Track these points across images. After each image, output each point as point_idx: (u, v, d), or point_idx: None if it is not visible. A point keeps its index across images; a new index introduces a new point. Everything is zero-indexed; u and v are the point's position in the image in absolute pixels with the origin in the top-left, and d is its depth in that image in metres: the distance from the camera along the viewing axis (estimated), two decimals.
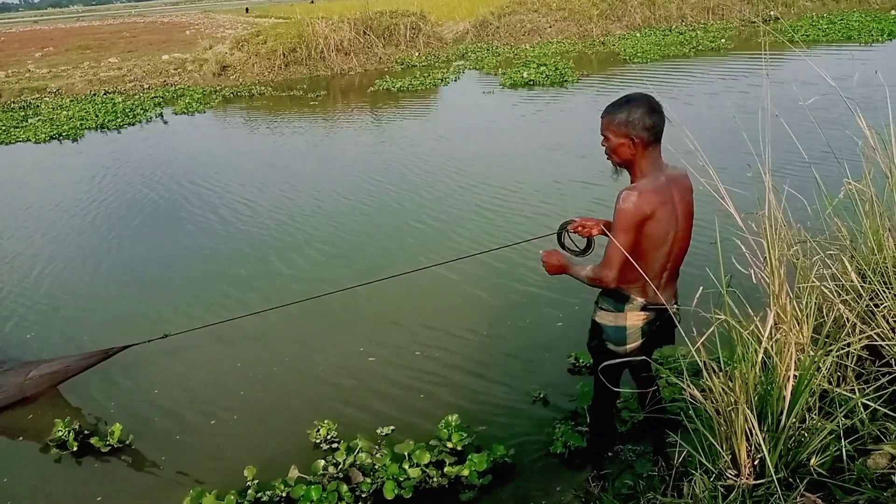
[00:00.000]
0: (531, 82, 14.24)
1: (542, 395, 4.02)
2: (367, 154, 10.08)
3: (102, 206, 8.45)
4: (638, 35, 20.50)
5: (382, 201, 7.75)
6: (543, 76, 14.52)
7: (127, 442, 3.95)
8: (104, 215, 8.09)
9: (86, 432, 4.06)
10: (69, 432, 4.00)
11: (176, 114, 14.45)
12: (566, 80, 14.20)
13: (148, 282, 6.17)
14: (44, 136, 12.89)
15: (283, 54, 18.82)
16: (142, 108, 14.84)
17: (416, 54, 20.18)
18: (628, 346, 2.73)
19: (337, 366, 4.57)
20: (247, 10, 45.14)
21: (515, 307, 5.08)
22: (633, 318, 2.69)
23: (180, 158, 10.59)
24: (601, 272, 2.59)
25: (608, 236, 2.61)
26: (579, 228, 2.91)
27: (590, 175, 7.66)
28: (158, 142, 12.13)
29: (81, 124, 13.57)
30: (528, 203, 7.18)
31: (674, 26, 21.75)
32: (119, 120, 13.81)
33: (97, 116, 14.14)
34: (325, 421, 3.87)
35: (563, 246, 2.99)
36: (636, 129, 2.51)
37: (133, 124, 13.63)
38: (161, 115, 14.31)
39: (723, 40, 18.05)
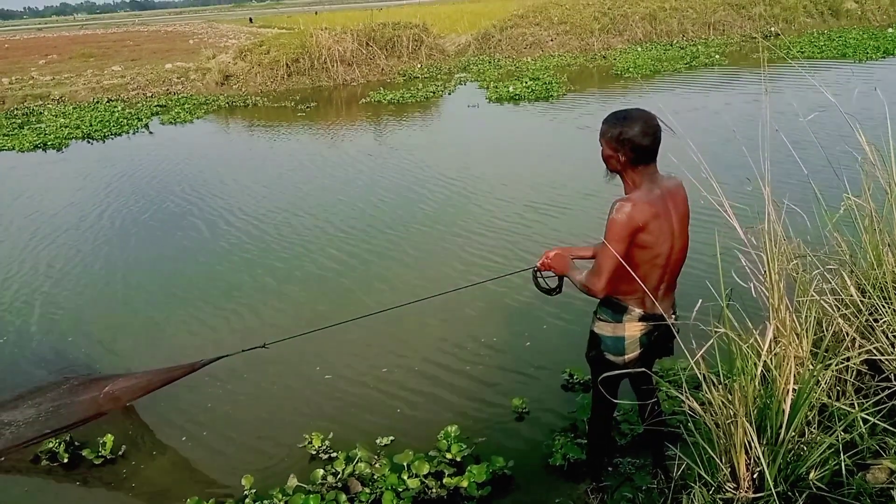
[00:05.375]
0: (517, 97, 14.27)
1: (539, 409, 4.00)
2: (290, 170, 10.03)
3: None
4: (639, 49, 20.61)
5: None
6: (529, 91, 14.55)
7: (120, 453, 3.90)
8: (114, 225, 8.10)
9: (76, 443, 3.99)
10: (59, 444, 3.92)
11: (163, 124, 14.46)
12: (551, 95, 14.23)
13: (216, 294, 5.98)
14: (28, 144, 12.76)
15: (287, 64, 18.91)
16: (137, 118, 14.83)
17: (419, 66, 20.28)
18: (626, 357, 2.74)
19: (337, 379, 4.55)
20: (250, 20, 45.37)
21: (508, 323, 5.07)
22: (632, 329, 2.69)
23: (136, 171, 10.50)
24: (590, 279, 2.60)
25: (595, 249, 2.62)
26: (545, 268, 2.97)
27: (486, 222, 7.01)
28: (133, 153, 12.02)
29: (68, 134, 13.50)
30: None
31: (675, 41, 21.88)
32: (106, 130, 13.77)
33: (91, 125, 14.11)
34: (313, 432, 3.85)
35: (539, 287, 3.06)
36: (625, 147, 2.52)
37: (119, 134, 13.57)
38: (147, 125, 14.28)
39: (717, 56, 18.11)
